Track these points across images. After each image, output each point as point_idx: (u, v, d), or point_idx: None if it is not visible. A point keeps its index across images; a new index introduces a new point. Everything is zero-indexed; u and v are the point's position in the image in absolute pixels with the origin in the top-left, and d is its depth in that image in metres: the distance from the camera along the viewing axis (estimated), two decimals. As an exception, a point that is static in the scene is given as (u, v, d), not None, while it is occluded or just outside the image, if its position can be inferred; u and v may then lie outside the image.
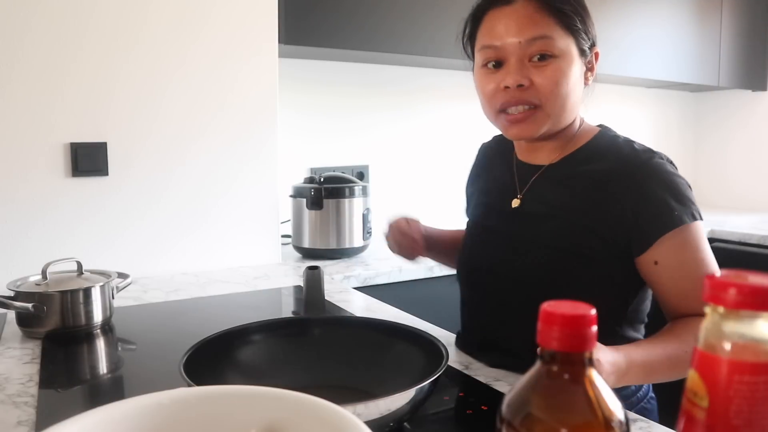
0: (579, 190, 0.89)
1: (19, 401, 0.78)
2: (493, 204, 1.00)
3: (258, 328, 0.79)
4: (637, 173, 0.85)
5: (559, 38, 0.84)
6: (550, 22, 0.84)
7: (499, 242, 0.95)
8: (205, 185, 1.59)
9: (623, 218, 0.84)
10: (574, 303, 0.38)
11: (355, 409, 0.55)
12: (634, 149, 0.89)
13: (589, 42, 0.89)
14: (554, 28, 0.84)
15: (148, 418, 0.46)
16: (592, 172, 0.88)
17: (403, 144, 2.29)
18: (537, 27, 0.84)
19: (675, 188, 0.84)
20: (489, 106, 0.90)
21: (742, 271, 0.37)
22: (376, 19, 1.79)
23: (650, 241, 0.83)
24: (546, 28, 0.84)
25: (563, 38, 0.85)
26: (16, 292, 1.02)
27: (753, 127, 2.96)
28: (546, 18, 0.84)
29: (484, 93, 0.90)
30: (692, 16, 2.56)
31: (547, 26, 0.84)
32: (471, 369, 0.88)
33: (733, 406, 0.36)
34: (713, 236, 2.31)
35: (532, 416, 0.38)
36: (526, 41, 0.84)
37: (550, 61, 0.84)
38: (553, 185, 0.92)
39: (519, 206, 0.94)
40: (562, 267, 0.87)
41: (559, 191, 0.91)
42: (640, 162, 0.86)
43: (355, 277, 1.55)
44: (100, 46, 1.43)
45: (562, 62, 0.85)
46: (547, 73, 0.84)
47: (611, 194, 0.85)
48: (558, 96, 0.85)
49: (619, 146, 0.90)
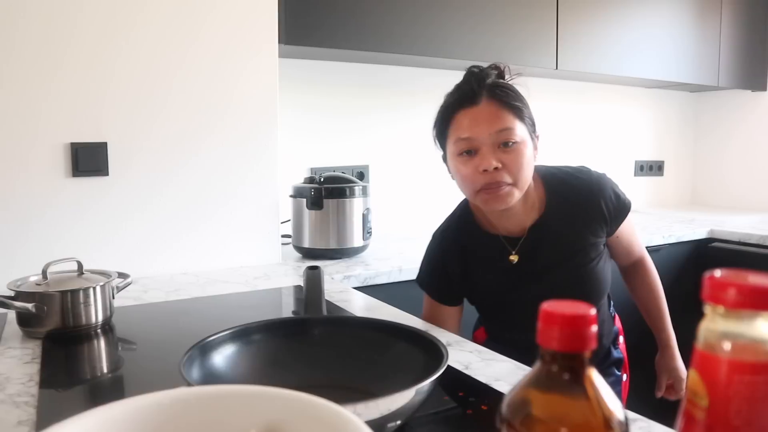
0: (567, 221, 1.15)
1: (20, 401, 0.78)
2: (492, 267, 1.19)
3: (258, 328, 0.79)
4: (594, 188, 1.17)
5: (517, 128, 1.06)
6: (509, 116, 1.06)
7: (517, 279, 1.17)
8: (206, 185, 1.59)
9: (603, 218, 1.17)
10: (574, 303, 0.38)
11: (355, 409, 0.55)
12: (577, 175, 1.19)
13: (533, 127, 1.11)
14: (512, 120, 1.06)
15: (148, 418, 0.46)
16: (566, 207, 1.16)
17: (403, 144, 2.30)
18: (501, 121, 1.05)
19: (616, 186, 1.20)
20: (468, 186, 1.10)
21: (742, 271, 0.37)
22: (376, 19, 1.79)
23: (620, 223, 1.21)
24: (507, 121, 1.05)
25: (519, 127, 1.07)
26: (17, 292, 1.02)
27: (753, 127, 2.97)
28: (506, 113, 1.06)
29: (463, 176, 1.09)
30: (692, 16, 2.56)
31: (508, 120, 1.06)
32: (471, 369, 0.88)
33: (733, 406, 0.36)
34: (713, 236, 2.31)
35: (532, 416, 0.38)
36: (495, 132, 1.05)
37: (513, 147, 1.05)
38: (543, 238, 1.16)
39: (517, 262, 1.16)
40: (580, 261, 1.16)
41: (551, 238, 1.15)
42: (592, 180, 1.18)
43: (355, 277, 1.55)
44: (100, 47, 1.43)
45: (521, 146, 1.06)
46: (513, 156, 1.05)
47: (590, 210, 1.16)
48: (523, 173, 1.07)
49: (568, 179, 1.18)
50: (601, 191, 1.16)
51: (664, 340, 1.35)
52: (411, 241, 2.00)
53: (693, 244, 2.29)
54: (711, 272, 0.38)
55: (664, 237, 2.18)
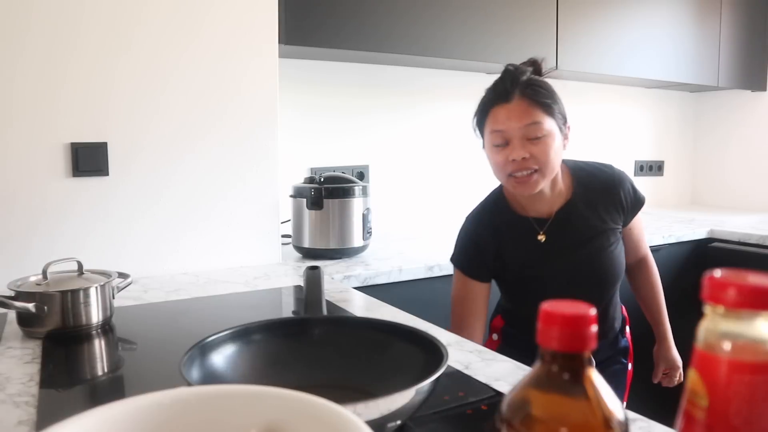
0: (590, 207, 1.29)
1: (20, 401, 0.78)
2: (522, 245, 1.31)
3: (258, 328, 0.79)
4: (616, 180, 1.32)
5: (545, 122, 1.18)
6: (538, 112, 1.18)
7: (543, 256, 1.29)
8: (206, 185, 1.59)
9: (621, 207, 1.32)
10: (574, 303, 0.38)
11: (355, 409, 0.55)
12: (602, 168, 1.34)
13: (563, 120, 1.23)
14: (541, 115, 1.18)
15: (148, 418, 0.46)
16: (590, 195, 1.30)
17: (403, 144, 2.30)
18: (530, 116, 1.18)
19: (633, 182, 1.35)
20: (500, 172, 1.24)
21: (742, 271, 0.37)
22: (376, 19, 1.79)
23: (634, 214, 1.36)
24: (536, 116, 1.18)
25: (548, 122, 1.19)
26: (17, 291, 1.02)
27: (752, 127, 2.97)
28: (535, 109, 1.18)
29: (496, 163, 1.23)
30: (692, 16, 2.56)
31: (536, 115, 1.18)
32: (471, 369, 0.88)
33: (733, 406, 0.36)
34: (713, 236, 2.31)
35: (532, 416, 0.38)
36: (525, 126, 1.18)
37: (541, 139, 1.18)
38: (568, 220, 1.28)
39: (545, 241, 1.28)
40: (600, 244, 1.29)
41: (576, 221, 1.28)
42: (615, 174, 1.33)
43: (355, 277, 1.55)
44: (100, 47, 1.43)
45: (549, 139, 1.19)
46: (540, 147, 1.18)
47: (610, 199, 1.31)
48: (549, 162, 1.19)
49: (593, 170, 1.33)
50: (621, 184, 1.31)
51: (662, 332, 1.49)
52: (411, 241, 2.00)
53: (693, 244, 2.29)
54: (711, 272, 0.38)
55: (664, 237, 2.18)
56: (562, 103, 1.24)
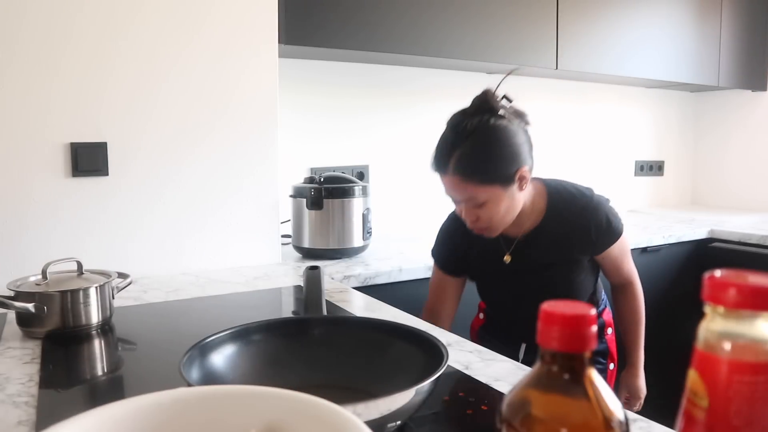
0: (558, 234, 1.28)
1: (19, 401, 0.78)
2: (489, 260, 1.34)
3: (258, 328, 0.79)
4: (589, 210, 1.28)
5: (482, 192, 1.18)
6: (472, 186, 1.18)
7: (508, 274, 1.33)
8: (206, 185, 1.59)
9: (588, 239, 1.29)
10: (574, 303, 0.38)
11: (355, 409, 0.55)
12: (578, 195, 1.30)
13: (511, 170, 1.18)
14: (475, 188, 1.18)
15: (148, 418, 0.46)
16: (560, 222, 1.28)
17: (403, 144, 2.29)
18: (465, 191, 1.19)
19: (612, 213, 1.31)
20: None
21: (742, 271, 0.37)
22: (376, 19, 1.79)
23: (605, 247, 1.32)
24: (470, 190, 1.18)
25: (485, 190, 1.18)
26: (16, 292, 1.02)
27: (753, 127, 2.96)
28: (468, 185, 1.18)
29: (456, 210, 1.28)
30: (692, 16, 2.56)
31: (471, 189, 1.18)
32: (471, 369, 0.88)
33: (733, 406, 0.36)
34: (713, 236, 2.31)
35: (532, 416, 0.38)
36: (462, 199, 1.21)
37: (484, 205, 1.19)
38: (535, 245, 1.29)
39: (510, 262, 1.31)
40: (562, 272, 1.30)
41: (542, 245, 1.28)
42: (590, 202, 1.29)
43: (355, 277, 1.55)
44: (100, 47, 1.43)
45: (491, 204, 1.19)
46: (485, 212, 1.20)
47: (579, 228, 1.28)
48: (498, 218, 1.22)
49: (569, 196, 1.30)
50: (594, 214, 1.28)
51: (633, 359, 1.46)
52: (411, 241, 2.00)
53: (693, 244, 2.29)
54: (711, 272, 0.38)
55: (664, 237, 2.18)
56: (514, 145, 1.18)
